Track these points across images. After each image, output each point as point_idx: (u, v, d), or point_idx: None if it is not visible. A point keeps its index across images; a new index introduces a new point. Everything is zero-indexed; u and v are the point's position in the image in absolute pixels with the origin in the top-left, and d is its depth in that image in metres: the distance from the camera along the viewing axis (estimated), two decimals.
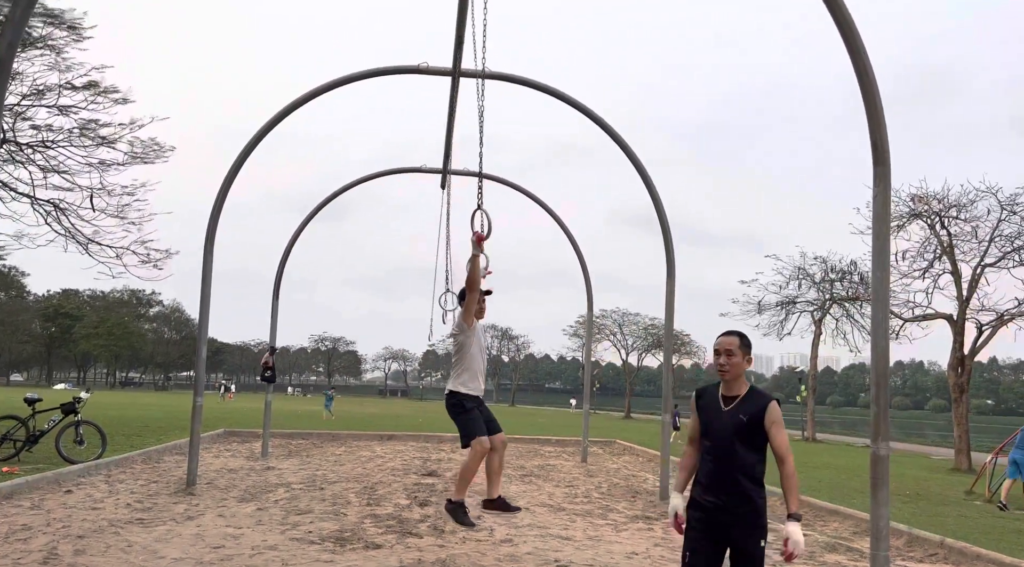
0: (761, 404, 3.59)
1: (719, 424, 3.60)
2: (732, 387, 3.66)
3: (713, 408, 3.65)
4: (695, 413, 3.75)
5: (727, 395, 3.66)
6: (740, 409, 3.59)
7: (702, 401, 3.72)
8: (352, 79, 10.09)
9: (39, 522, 7.18)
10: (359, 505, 8.96)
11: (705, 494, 3.60)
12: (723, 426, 3.59)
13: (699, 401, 3.73)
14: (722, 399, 3.66)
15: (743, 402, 3.61)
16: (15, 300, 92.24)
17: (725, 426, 3.58)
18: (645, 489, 11.50)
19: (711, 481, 3.59)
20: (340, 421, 27.78)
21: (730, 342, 3.65)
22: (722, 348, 3.65)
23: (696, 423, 3.75)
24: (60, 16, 15.76)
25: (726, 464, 3.56)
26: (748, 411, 3.58)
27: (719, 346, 3.67)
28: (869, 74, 5.19)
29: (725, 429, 3.58)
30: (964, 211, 19.75)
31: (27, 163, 16.32)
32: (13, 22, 4.80)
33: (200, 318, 10.49)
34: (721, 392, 3.68)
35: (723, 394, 3.67)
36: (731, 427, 3.57)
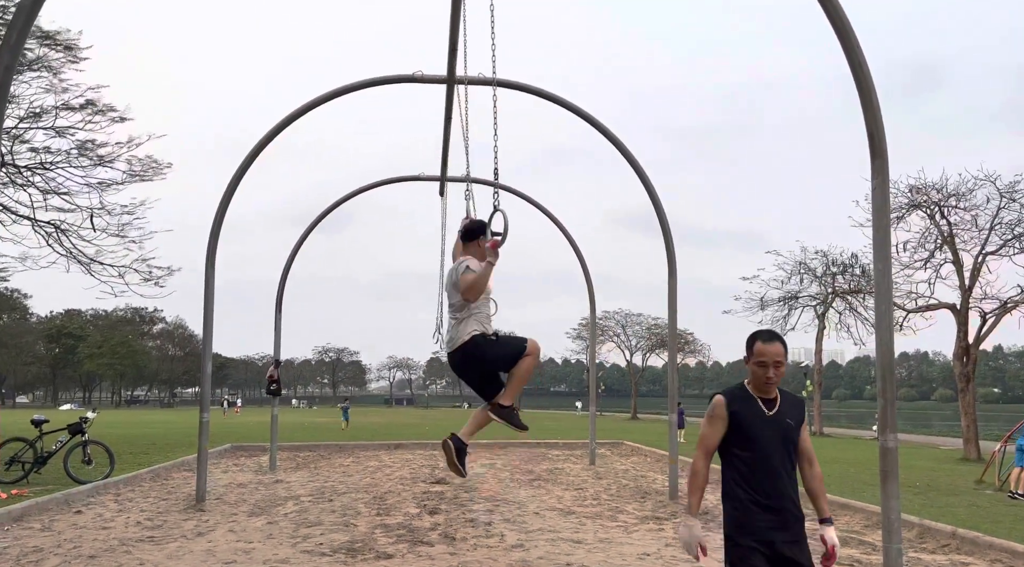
0: (799, 406, 3.32)
1: (766, 433, 3.20)
2: (769, 391, 3.30)
3: (755, 415, 3.22)
4: (724, 422, 3.26)
5: (766, 398, 3.28)
6: (785, 413, 3.26)
7: (735, 407, 3.25)
8: (348, 90, 10.12)
9: (50, 543, 7.19)
10: (369, 515, 8.95)
11: (755, 515, 3.14)
12: (772, 434, 3.20)
13: (731, 406, 3.26)
14: (763, 403, 3.26)
15: (783, 405, 3.28)
16: (18, 322, 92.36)
17: (773, 434, 3.20)
18: (654, 489, 11.48)
19: (761, 498, 3.15)
20: (347, 432, 27.78)
21: (778, 351, 3.25)
22: (770, 359, 3.23)
23: (722, 433, 3.27)
24: (56, 37, 15.83)
25: (779, 477, 3.17)
26: (792, 415, 3.27)
27: (766, 356, 3.23)
28: (864, 68, 5.21)
29: (774, 438, 3.20)
30: (963, 200, 19.75)
31: (27, 186, 16.36)
32: (9, 46, 4.82)
33: (204, 334, 10.50)
34: (758, 395, 3.29)
35: (760, 397, 3.28)
36: (780, 435, 3.21)
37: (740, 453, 3.22)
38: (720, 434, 3.27)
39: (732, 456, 3.25)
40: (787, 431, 3.23)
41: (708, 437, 3.29)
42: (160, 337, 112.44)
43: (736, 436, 3.24)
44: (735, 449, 3.24)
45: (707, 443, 3.29)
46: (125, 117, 16.90)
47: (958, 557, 7.01)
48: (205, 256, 10.35)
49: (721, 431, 3.27)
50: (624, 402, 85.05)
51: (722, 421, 3.27)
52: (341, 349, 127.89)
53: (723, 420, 3.27)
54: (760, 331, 3.34)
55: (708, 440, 3.29)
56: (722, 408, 3.28)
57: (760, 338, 3.28)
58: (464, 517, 8.82)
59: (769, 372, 3.23)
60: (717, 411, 3.29)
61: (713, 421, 3.29)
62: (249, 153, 10.21)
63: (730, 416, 3.26)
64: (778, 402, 3.28)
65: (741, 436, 3.22)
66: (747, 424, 3.22)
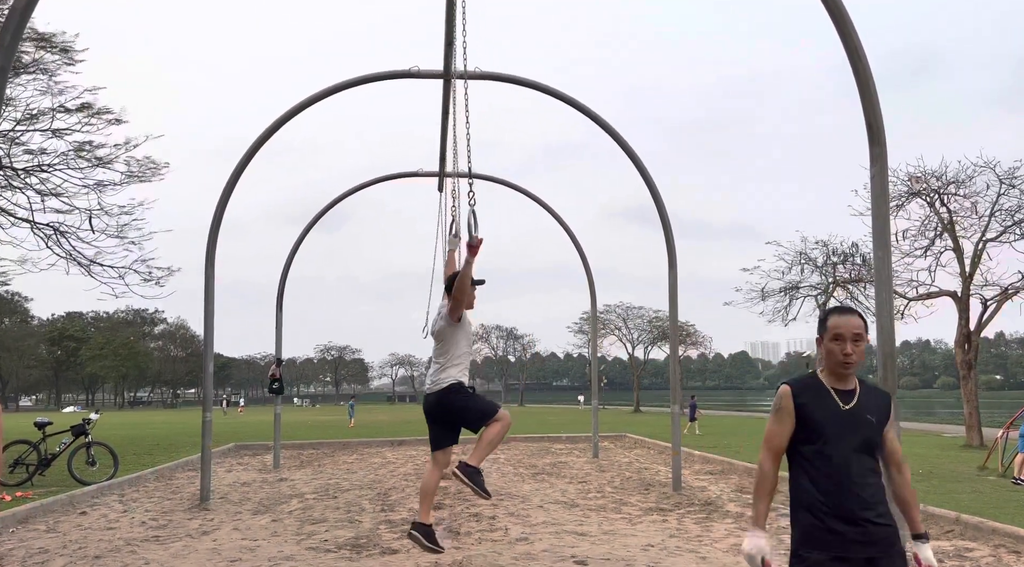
0: (884, 400, 2.86)
1: (842, 429, 2.73)
2: (846, 379, 2.83)
3: (828, 408, 2.76)
4: (791, 416, 2.80)
5: (842, 389, 2.81)
6: (865, 407, 2.79)
7: (803, 399, 2.80)
8: (344, 87, 10.10)
9: (55, 545, 7.20)
10: (373, 511, 8.97)
11: (828, 527, 2.67)
12: (849, 432, 2.73)
13: (799, 398, 2.80)
14: (837, 394, 2.80)
15: (863, 397, 2.81)
16: (20, 325, 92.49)
17: (851, 431, 2.73)
18: (658, 481, 11.50)
19: (836, 506, 2.68)
20: (350, 429, 27.81)
21: (857, 324, 2.79)
22: (848, 332, 2.77)
23: (790, 430, 2.81)
24: (51, 40, 15.80)
25: (856, 479, 2.70)
26: (874, 409, 2.79)
27: (842, 328, 2.78)
28: (861, 56, 5.19)
29: (851, 435, 2.73)
30: (963, 187, 19.71)
31: (24, 188, 16.36)
32: (3, 47, 4.81)
33: (205, 334, 10.51)
34: (831, 385, 2.82)
35: (835, 388, 2.81)
36: (859, 432, 2.74)
37: (809, 454, 2.76)
38: (787, 431, 2.81)
39: (800, 457, 2.79)
40: (868, 428, 2.76)
41: (774, 435, 2.83)
42: (162, 338, 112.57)
43: (805, 433, 2.78)
44: (804, 449, 2.78)
45: (773, 442, 2.83)
46: (121, 119, 16.90)
47: (962, 543, 7.02)
48: (205, 255, 10.35)
49: (788, 427, 2.81)
50: (627, 395, 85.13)
51: (789, 415, 2.81)
52: (343, 347, 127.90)
53: (790, 414, 2.80)
54: (833, 307, 2.95)
55: (774, 438, 2.83)
56: (788, 400, 2.82)
57: (834, 311, 2.87)
58: (468, 512, 8.84)
59: (847, 346, 2.76)
60: (783, 403, 2.82)
61: (779, 415, 2.82)
62: (246, 152, 10.20)
63: (797, 409, 2.79)
64: (857, 394, 2.81)
65: (811, 433, 2.76)
66: (818, 419, 2.75)
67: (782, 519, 7.56)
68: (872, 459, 2.77)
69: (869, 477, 2.73)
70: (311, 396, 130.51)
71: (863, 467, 2.72)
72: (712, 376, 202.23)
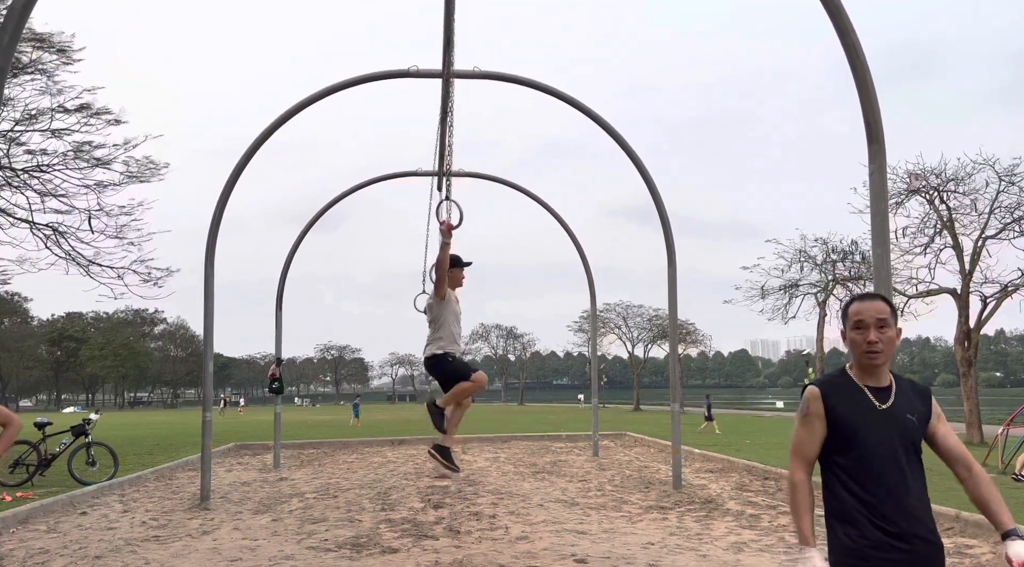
0: (923, 396, 2.54)
1: (878, 431, 2.42)
2: (879, 375, 2.50)
3: (861, 408, 2.45)
4: (821, 420, 2.48)
5: (876, 387, 2.49)
6: (903, 405, 2.47)
7: (835, 400, 2.48)
8: (343, 86, 10.09)
9: (56, 545, 7.21)
10: (373, 511, 8.97)
11: (869, 545, 2.36)
12: (886, 435, 2.41)
13: (829, 400, 2.48)
14: (871, 393, 2.48)
15: (900, 395, 2.49)
16: (20, 326, 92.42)
17: (888, 433, 2.41)
18: (658, 479, 11.50)
19: (882, 517, 2.36)
20: (349, 429, 27.80)
21: (880, 309, 2.48)
22: (870, 317, 2.46)
23: (821, 436, 2.48)
24: (49, 40, 15.79)
25: (899, 492, 2.38)
26: (913, 408, 2.48)
27: (864, 314, 2.48)
28: (859, 53, 5.19)
29: (889, 438, 2.41)
30: (962, 184, 19.71)
31: (24, 188, 16.36)
32: (2, 48, 4.81)
33: (205, 333, 10.51)
34: (864, 383, 2.50)
35: (868, 385, 2.49)
36: (899, 435, 2.42)
37: (844, 462, 2.44)
38: (818, 437, 2.48)
39: (835, 466, 2.47)
40: (909, 429, 2.43)
41: (803, 442, 2.50)
42: (162, 338, 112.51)
43: (838, 439, 2.46)
44: (837, 457, 2.46)
45: (802, 450, 2.50)
46: (121, 119, 16.90)
47: (962, 540, 7.03)
48: (204, 255, 10.34)
49: (819, 433, 2.48)
50: (627, 393, 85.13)
51: (819, 420, 2.48)
52: (343, 347, 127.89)
53: (820, 418, 2.47)
54: (855, 295, 2.67)
55: (803, 446, 2.50)
56: (816, 402, 2.49)
57: (855, 298, 2.58)
58: (468, 510, 8.84)
59: (870, 333, 2.44)
60: (811, 407, 2.49)
61: (807, 421, 2.50)
62: (246, 151, 10.19)
63: (828, 412, 2.47)
64: (893, 391, 2.49)
65: (844, 439, 2.44)
66: (851, 422, 2.44)
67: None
68: (917, 464, 2.44)
69: (914, 485, 2.40)
70: (311, 396, 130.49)
71: (906, 474, 2.40)
72: (712, 374, 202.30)
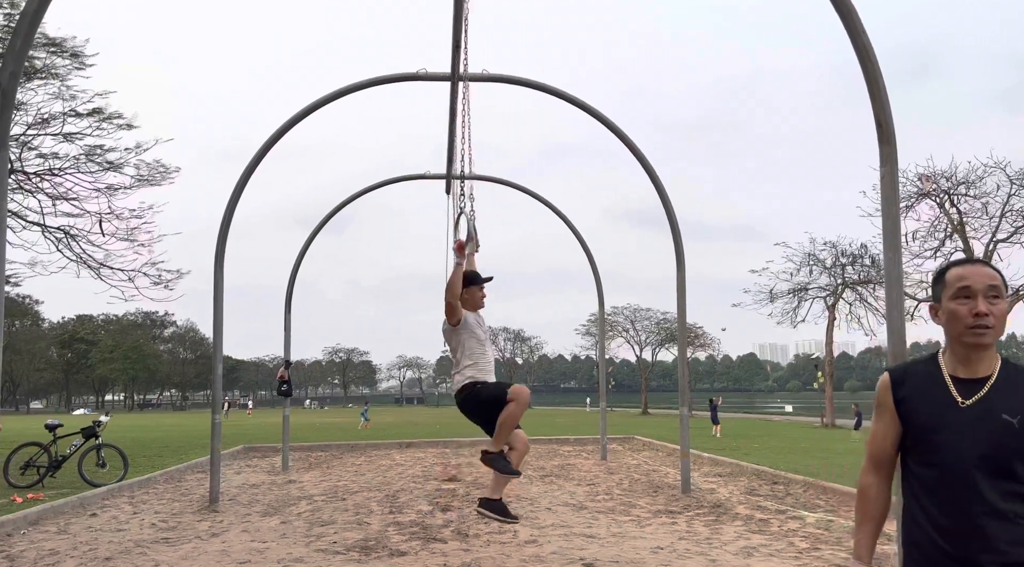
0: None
1: (959, 434, 1.93)
2: (978, 362, 1.98)
3: (937, 404, 1.97)
4: (892, 415, 2.06)
5: (967, 377, 1.98)
6: (999, 402, 1.92)
7: (906, 390, 2.03)
8: (352, 90, 10.12)
9: (66, 546, 7.24)
10: (382, 513, 8.97)
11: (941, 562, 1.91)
12: (969, 437, 1.92)
13: (899, 389, 2.05)
14: (956, 385, 1.98)
15: (1001, 390, 1.94)
16: (31, 328, 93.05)
17: (973, 438, 1.91)
18: (667, 484, 11.46)
19: (948, 543, 1.90)
20: (358, 431, 27.84)
21: (991, 275, 1.98)
22: (980, 283, 1.95)
23: (895, 433, 2.06)
24: (62, 45, 15.92)
25: (986, 510, 1.88)
26: (1015, 405, 1.92)
27: (971, 280, 1.96)
28: (870, 54, 5.16)
29: (975, 443, 1.91)
30: (973, 188, 19.60)
31: (36, 192, 16.48)
32: (14, 52, 4.85)
33: (214, 336, 10.54)
34: (952, 370, 2.00)
35: (957, 376, 1.99)
36: (988, 439, 1.90)
37: (917, 470, 2.00)
38: (891, 434, 2.07)
39: (909, 474, 2.04)
40: (1002, 433, 1.89)
41: (875, 437, 2.12)
42: (171, 341, 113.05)
43: (909, 439, 2.02)
44: (910, 462, 2.04)
45: (873, 446, 2.12)
46: (133, 124, 17.02)
47: None
48: (214, 257, 10.38)
49: (891, 429, 2.06)
50: (634, 397, 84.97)
51: (890, 414, 2.06)
52: (351, 349, 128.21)
53: (891, 412, 2.06)
54: (952, 260, 2.18)
55: (874, 442, 2.12)
56: (885, 392, 2.07)
57: (954, 263, 2.06)
58: (476, 514, 8.82)
59: (979, 304, 1.93)
60: (880, 397, 2.10)
61: (879, 413, 2.10)
62: (255, 155, 10.23)
63: (897, 405, 2.04)
64: (990, 384, 1.94)
65: (918, 440, 1.99)
66: (925, 420, 1.97)
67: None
68: (1011, 480, 1.89)
69: (1004, 506, 1.87)
70: (319, 398, 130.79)
71: (994, 491, 1.87)
72: (720, 378, 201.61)
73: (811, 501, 9.58)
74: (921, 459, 2.00)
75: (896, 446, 2.08)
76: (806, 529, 7.75)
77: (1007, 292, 2.03)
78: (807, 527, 7.86)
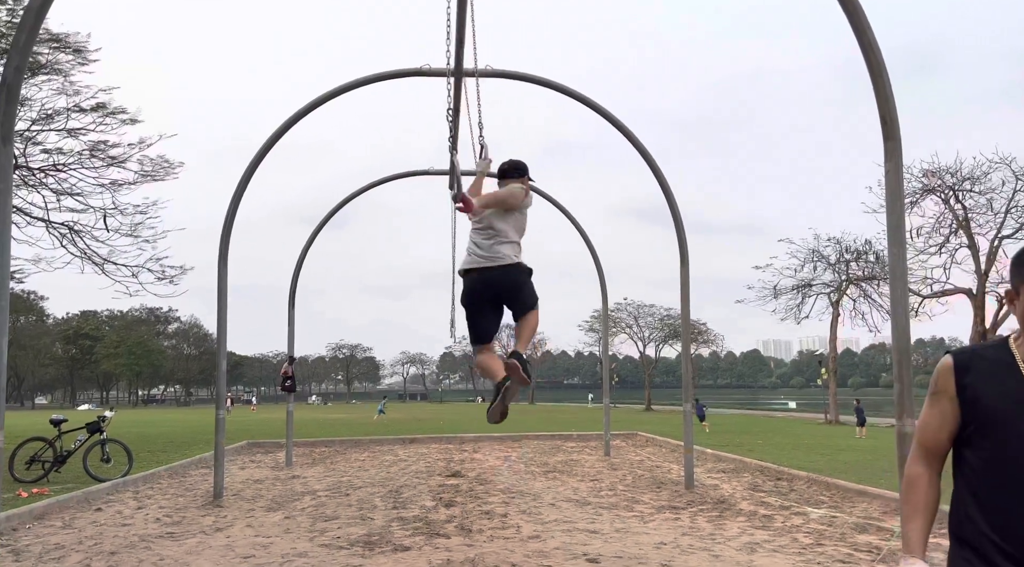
0: None
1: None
2: None
3: (1009, 390, 1.80)
4: (953, 402, 1.89)
5: None
6: None
7: (973, 375, 1.86)
8: (354, 86, 10.12)
9: (71, 540, 7.27)
10: (385, 509, 8.99)
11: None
12: None
13: (965, 375, 1.87)
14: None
15: None
16: (35, 324, 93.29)
17: None
18: (670, 479, 11.46)
19: (1007, 542, 1.75)
20: (361, 427, 27.89)
21: None
22: None
23: (953, 422, 1.89)
24: (65, 40, 15.93)
25: None
26: None
27: None
28: (875, 49, 5.15)
29: None
30: (978, 183, 19.54)
31: (40, 187, 16.51)
32: (18, 47, 4.86)
33: (218, 332, 10.56)
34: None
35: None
36: None
37: (975, 461, 1.85)
38: (948, 423, 1.90)
39: (964, 465, 1.89)
40: None
41: (927, 426, 1.94)
42: (175, 336, 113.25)
43: (970, 429, 1.86)
44: (967, 453, 1.88)
45: (925, 436, 1.94)
46: (136, 119, 17.03)
47: None
48: (218, 254, 10.40)
49: (949, 417, 1.89)
50: (638, 393, 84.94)
51: (949, 400, 1.89)
52: (355, 345, 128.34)
53: (951, 399, 1.88)
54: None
55: (927, 430, 1.94)
56: (947, 376, 1.89)
57: None
58: (480, 509, 8.84)
59: None
60: (940, 383, 1.90)
61: (936, 400, 1.92)
62: (258, 151, 10.24)
63: (960, 391, 1.86)
64: None
65: (978, 430, 1.83)
66: (990, 408, 1.81)
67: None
68: None
69: None
70: (323, 394, 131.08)
71: None
72: (724, 374, 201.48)
73: (815, 497, 9.58)
74: (984, 453, 1.82)
75: (952, 437, 1.91)
76: (809, 525, 7.75)
77: None
78: (811, 523, 7.86)
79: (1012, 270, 1.92)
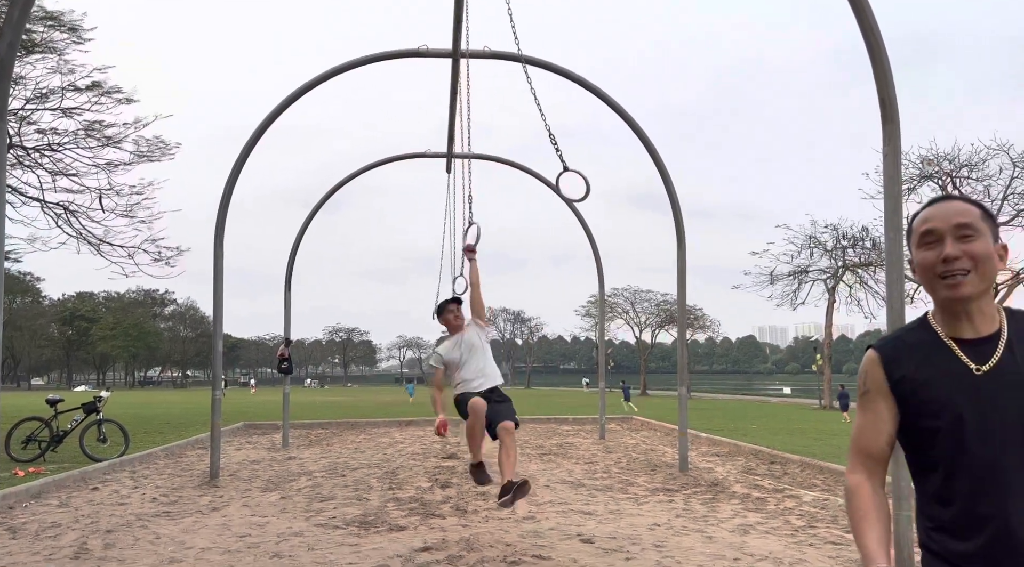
0: None
1: (980, 410, 1.54)
2: (977, 318, 1.60)
3: (948, 376, 1.58)
4: (887, 399, 1.65)
5: (972, 339, 1.59)
6: (1021, 361, 1.55)
7: (904, 366, 1.63)
8: (351, 66, 10.04)
9: (68, 519, 7.30)
10: (381, 490, 9.04)
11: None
12: (992, 412, 1.53)
13: (894, 368, 1.64)
14: (963, 348, 1.59)
15: (1017, 345, 1.57)
16: (31, 305, 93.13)
17: (998, 411, 1.53)
18: (664, 463, 11.53)
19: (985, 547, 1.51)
20: (357, 409, 27.98)
21: (960, 210, 1.61)
22: (944, 224, 1.59)
23: (890, 422, 1.66)
24: (60, 18, 15.77)
25: (1010, 503, 1.50)
26: None
27: (934, 223, 1.60)
28: (875, 31, 5.12)
29: (1001, 418, 1.53)
30: (976, 170, 19.54)
31: (35, 167, 16.41)
32: (12, 23, 4.81)
33: (214, 314, 10.55)
34: (950, 333, 1.62)
35: (959, 338, 1.60)
36: (1015, 410, 1.52)
37: (924, 461, 1.63)
38: (884, 423, 1.66)
39: (917, 464, 1.66)
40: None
41: (861, 430, 1.70)
42: (172, 319, 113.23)
43: (912, 426, 1.63)
44: (914, 454, 1.66)
45: (861, 442, 1.69)
46: (132, 98, 16.90)
47: None
48: (214, 235, 10.37)
49: (885, 417, 1.66)
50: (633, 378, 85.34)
51: (883, 398, 1.65)
52: (351, 329, 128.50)
53: (884, 395, 1.65)
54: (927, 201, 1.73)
55: (863, 436, 1.69)
56: (876, 371, 1.67)
57: (926, 204, 1.68)
58: (475, 490, 8.89)
59: (947, 247, 1.56)
60: (869, 381, 1.68)
61: (866, 401, 1.69)
62: (255, 131, 10.17)
63: (894, 387, 1.63)
64: (1003, 341, 1.56)
65: (922, 422, 1.60)
66: (930, 399, 1.58)
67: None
68: None
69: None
70: (320, 377, 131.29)
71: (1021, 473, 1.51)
72: (720, 360, 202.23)
73: (808, 480, 9.65)
74: (933, 448, 1.58)
75: (891, 439, 1.66)
76: (802, 508, 7.81)
77: (990, 227, 1.60)
78: (803, 506, 7.92)
79: (906, 239, 1.71)
